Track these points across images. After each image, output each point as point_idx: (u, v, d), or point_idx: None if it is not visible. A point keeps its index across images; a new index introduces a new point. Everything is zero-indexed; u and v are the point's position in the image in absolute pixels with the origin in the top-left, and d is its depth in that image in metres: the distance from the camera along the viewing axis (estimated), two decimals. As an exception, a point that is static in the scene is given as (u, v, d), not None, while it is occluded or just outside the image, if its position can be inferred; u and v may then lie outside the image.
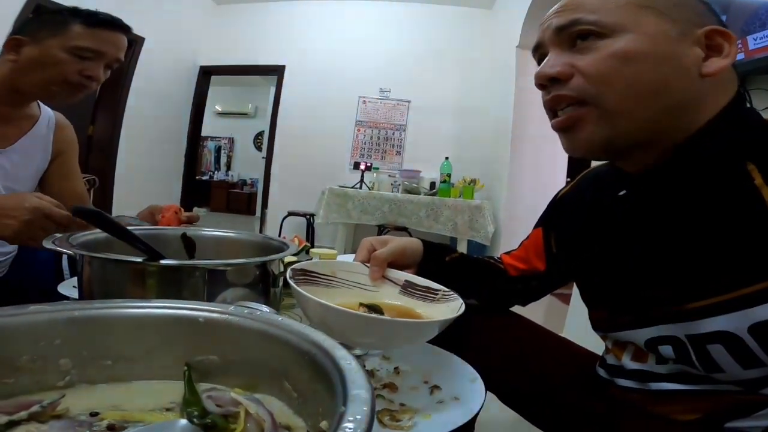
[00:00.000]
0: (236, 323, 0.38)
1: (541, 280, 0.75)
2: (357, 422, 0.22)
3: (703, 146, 0.46)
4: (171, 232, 0.80)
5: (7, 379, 0.33)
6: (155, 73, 3.93)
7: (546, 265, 0.73)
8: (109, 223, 0.57)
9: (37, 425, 0.30)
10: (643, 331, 0.52)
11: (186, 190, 4.78)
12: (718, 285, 0.44)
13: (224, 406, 0.33)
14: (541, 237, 0.73)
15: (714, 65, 0.45)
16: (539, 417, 0.73)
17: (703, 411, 0.49)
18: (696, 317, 0.46)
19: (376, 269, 0.63)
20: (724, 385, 0.48)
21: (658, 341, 0.51)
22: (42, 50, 0.81)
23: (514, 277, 0.76)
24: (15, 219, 0.66)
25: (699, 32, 0.45)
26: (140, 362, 0.38)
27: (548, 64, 0.48)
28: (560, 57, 0.48)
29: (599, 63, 0.45)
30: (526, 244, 0.76)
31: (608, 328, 0.59)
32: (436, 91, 4.36)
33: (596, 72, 0.45)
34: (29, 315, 0.36)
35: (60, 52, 0.81)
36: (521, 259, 0.76)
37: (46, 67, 0.81)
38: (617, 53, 0.45)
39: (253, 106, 8.35)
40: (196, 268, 0.59)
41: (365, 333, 0.49)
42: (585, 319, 0.67)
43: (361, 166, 4.15)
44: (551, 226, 0.72)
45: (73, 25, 0.81)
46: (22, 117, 0.91)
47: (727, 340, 0.44)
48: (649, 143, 0.48)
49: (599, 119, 0.46)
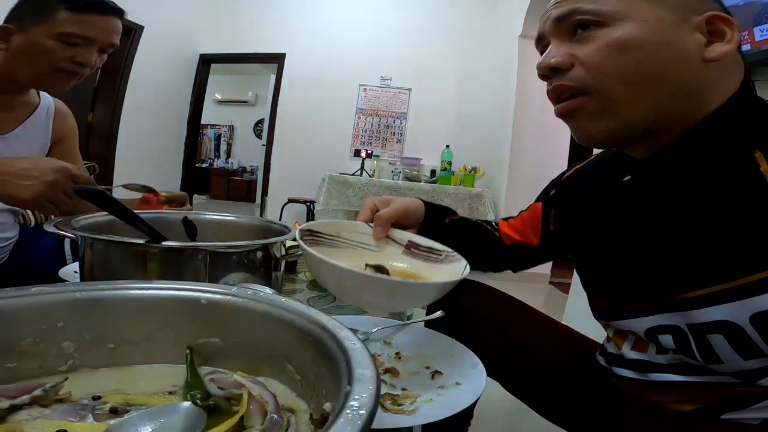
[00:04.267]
0: (239, 304, 0.38)
1: (532, 252, 0.76)
2: (362, 400, 0.22)
3: (710, 133, 0.46)
4: (173, 216, 0.79)
5: (9, 363, 0.33)
6: (155, 62, 3.89)
7: (539, 241, 0.74)
8: (112, 203, 0.56)
9: (39, 409, 0.30)
10: (643, 319, 0.52)
11: (186, 178, 4.77)
12: (721, 273, 0.44)
13: (227, 389, 0.33)
14: (540, 212, 0.73)
15: (717, 50, 0.44)
16: (539, 403, 0.73)
17: (701, 402, 0.50)
18: (697, 306, 0.46)
19: (380, 229, 0.63)
20: (722, 376, 0.48)
21: (659, 330, 0.51)
22: (29, 39, 0.78)
23: (508, 246, 0.77)
24: (36, 180, 0.64)
25: (699, 18, 0.44)
26: (142, 345, 0.38)
27: (549, 55, 0.48)
28: (561, 47, 0.48)
29: (598, 52, 0.45)
30: (524, 216, 0.76)
31: (609, 317, 0.59)
32: (437, 80, 4.31)
33: (595, 61, 0.45)
34: (31, 296, 0.35)
35: (47, 40, 0.78)
36: (517, 230, 0.76)
37: (34, 56, 0.79)
38: (616, 42, 0.44)
39: (253, 94, 8.28)
40: (198, 250, 0.58)
41: (374, 293, 0.49)
42: (584, 308, 0.67)
43: (361, 153, 4.14)
44: (552, 203, 0.72)
45: (58, 11, 0.78)
46: (21, 104, 0.90)
47: (727, 330, 0.44)
48: (655, 130, 0.47)
49: (600, 109, 0.46)
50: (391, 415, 0.44)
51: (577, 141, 0.51)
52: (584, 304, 0.67)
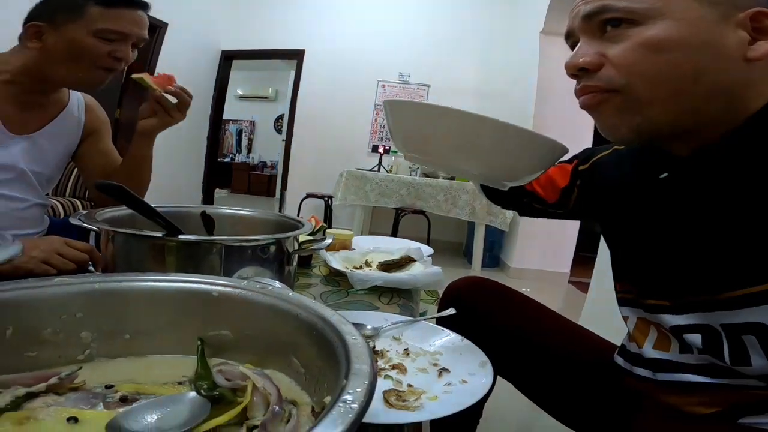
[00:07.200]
0: (249, 297, 0.39)
1: (544, 207, 0.75)
2: (356, 395, 0.22)
3: (752, 134, 0.44)
4: (192, 209, 0.82)
5: (31, 352, 0.35)
6: (179, 58, 3.97)
7: (556, 200, 0.72)
8: (131, 198, 0.58)
9: (54, 397, 0.32)
10: (673, 317, 0.51)
11: (208, 172, 4.88)
12: (759, 275, 0.42)
13: (233, 380, 0.34)
14: (569, 175, 0.71)
15: (761, 49, 0.41)
16: (551, 404, 0.73)
17: (720, 405, 0.48)
18: (734, 307, 0.44)
19: None
20: (747, 379, 0.46)
21: (687, 329, 0.49)
22: (66, 37, 0.79)
23: (525, 190, 0.75)
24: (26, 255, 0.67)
25: (743, 15, 0.42)
26: (157, 336, 0.40)
27: (578, 54, 0.46)
28: (590, 46, 0.46)
29: (630, 52, 0.43)
30: (552, 172, 0.73)
31: (635, 305, 0.58)
32: (456, 76, 4.28)
33: (626, 62, 0.43)
34: (54, 287, 0.37)
35: (86, 37, 0.79)
36: (538, 181, 0.74)
37: (75, 54, 0.80)
38: (649, 41, 0.42)
39: (274, 90, 8.37)
40: (213, 243, 0.60)
41: (480, 143, 0.46)
42: (602, 309, 0.66)
43: (379, 149, 4.15)
44: (580, 175, 0.70)
45: (89, 7, 0.79)
46: (51, 102, 0.92)
47: (761, 332, 0.43)
48: (692, 130, 0.46)
49: (624, 106, 0.45)
50: (395, 411, 0.44)
51: (603, 135, 0.49)
52: (603, 305, 0.66)
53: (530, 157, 0.49)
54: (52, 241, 0.69)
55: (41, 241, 0.68)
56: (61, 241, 0.69)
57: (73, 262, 0.68)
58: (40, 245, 0.67)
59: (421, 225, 3.85)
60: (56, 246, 0.68)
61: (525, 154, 0.48)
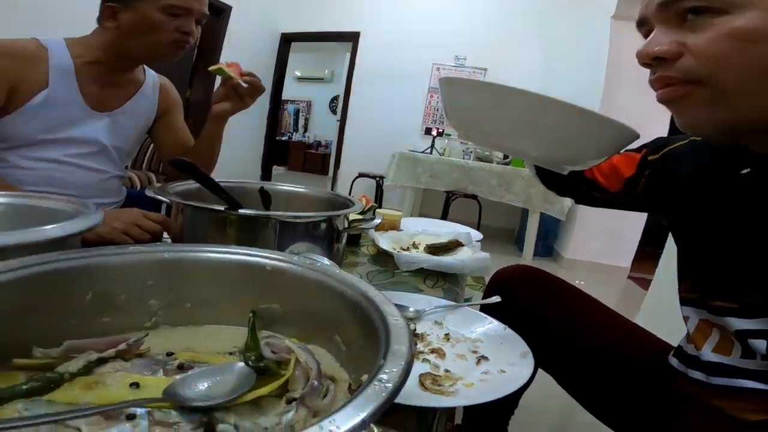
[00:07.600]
0: (299, 273, 0.41)
1: (605, 196, 0.71)
2: (391, 375, 0.23)
3: None
4: (251, 185, 0.87)
5: (106, 318, 0.38)
6: (242, 40, 4.13)
7: (619, 190, 0.69)
8: (200, 174, 0.63)
9: (122, 363, 0.34)
10: (739, 320, 0.49)
11: (267, 150, 5.09)
12: None
13: (278, 353, 0.36)
14: (636, 165, 0.67)
15: None
16: (592, 401, 0.71)
17: None
18: None
19: None
20: None
21: (753, 334, 0.47)
22: (138, 14, 0.86)
23: (585, 178, 0.72)
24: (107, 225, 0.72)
25: None
26: (214, 307, 0.42)
27: (653, 42, 0.43)
28: (667, 34, 0.43)
29: (715, 42, 0.40)
30: (617, 160, 0.70)
31: (699, 306, 0.55)
32: (515, 60, 4.09)
33: (710, 52, 0.40)
34: (129, 255, 0.40)
35: (155, 13, 0.86)
36: (600, 169, 0.71)
37: (148, 29, 0.87)
38: (737, 32, 0.39)
39: (330, 71, 8.48)
40: (269, 218, 0.64)
41: (543, 125, 0.44)
42: (662, 307, 0.62)
43: (432, 131, 4.09)
44: (650, 165, 0.66)
45: None
46: (128, 81, 1.01)
47: None
48: None
49: (712, 99, 0.41)
50: (429, 395, 0.45)
51: (681, 129, 0.47)
52: (663, 303, 0.62)
53: (597, 142, 0.46)
54: (131, 214, 0.75)
55: (122, 213, 0.74)
56: (140, 213, 0.75)
57: (149, 233, 0.74)
58: (120, 217, 0.73)
59: (472, 210, 3.78)
60: (135, 218, 0.74)
61: (592, 139, 0.46)
